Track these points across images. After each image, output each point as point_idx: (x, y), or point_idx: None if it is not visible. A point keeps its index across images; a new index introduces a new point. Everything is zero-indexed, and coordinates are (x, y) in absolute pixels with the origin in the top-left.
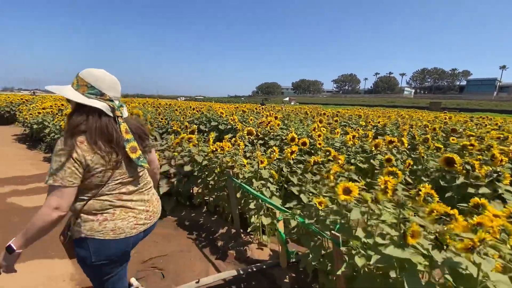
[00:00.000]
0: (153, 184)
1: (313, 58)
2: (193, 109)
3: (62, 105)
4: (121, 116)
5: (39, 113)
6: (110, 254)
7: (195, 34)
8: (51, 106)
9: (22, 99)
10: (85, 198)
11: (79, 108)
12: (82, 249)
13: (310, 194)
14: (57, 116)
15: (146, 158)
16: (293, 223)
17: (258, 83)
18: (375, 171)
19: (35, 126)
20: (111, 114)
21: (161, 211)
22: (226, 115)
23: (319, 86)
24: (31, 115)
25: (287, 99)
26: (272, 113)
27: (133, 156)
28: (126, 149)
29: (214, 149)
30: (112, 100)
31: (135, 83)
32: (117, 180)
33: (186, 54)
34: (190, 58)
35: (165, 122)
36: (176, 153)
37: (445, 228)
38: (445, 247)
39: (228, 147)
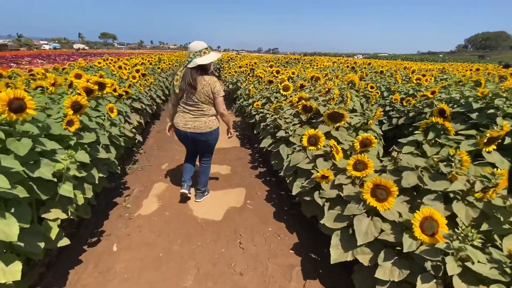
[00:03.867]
0: (214, 117)
1: None
2: (411, 71)
3: (255, 63)
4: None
5: (235, 71)
6: (175, 130)
7: None
8: (246, 64)
9: (228, 57)
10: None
11: None
12: None
13: None
14: (248, 77)
15: (202, 94)
16: None
17: (468, 34)
18: None
19: (230, 86)
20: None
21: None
22: None
23: None
24: (229, 73)
25: None
26: None
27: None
28: None
29: None
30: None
31: (313, 42)
32: (182, 98)
33: (362, 4)
34: (367, 10)
35: (377, 94)
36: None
37: None
38: None
39: None
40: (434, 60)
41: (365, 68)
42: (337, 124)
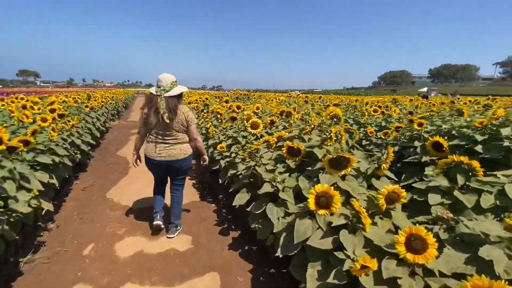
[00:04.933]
0: (187, 144)
1: (463, 36)
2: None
3: (206, 99)
4: (160, 96)
5: None
6: (146, 161)
7: (306, 25)
8: (196, 100)
9: None
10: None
11: None
12: None
13: None
14: (202, 114)
15: (176, 123)
16: None
17: (380, 72)
18: None
19: None
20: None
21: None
22: None
23: (472, 72)
24: None
25: (424, 89)
26: None
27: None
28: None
29: None
30: (158, 87)
31: (254, 79)
32: (154, 129)
33: (297, 46)
34: (301, 51)
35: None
36: None
37: None
38: None
39: None
40: (359, 93)
41: (317, 101)
42: (342, 172)
